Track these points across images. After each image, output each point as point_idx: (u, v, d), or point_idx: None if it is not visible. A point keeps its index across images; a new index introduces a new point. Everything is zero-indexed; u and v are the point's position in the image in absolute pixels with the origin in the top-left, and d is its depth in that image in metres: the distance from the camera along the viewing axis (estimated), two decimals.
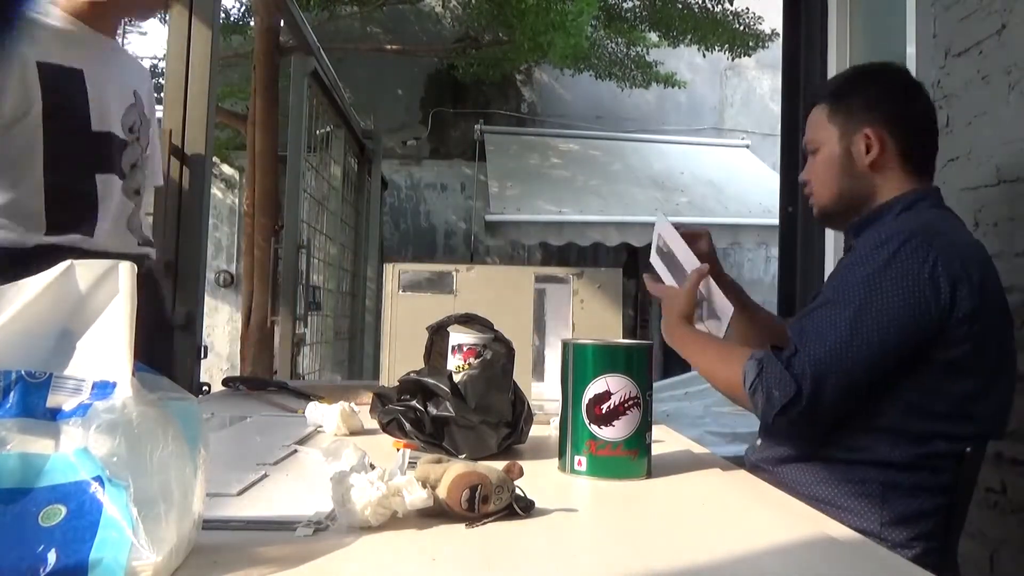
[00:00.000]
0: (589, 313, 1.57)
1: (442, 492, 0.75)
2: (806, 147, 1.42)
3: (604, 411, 0.98)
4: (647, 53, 7.51)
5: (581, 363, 1.00)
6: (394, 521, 0.73)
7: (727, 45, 7.16)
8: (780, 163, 3.25)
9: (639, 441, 0.99)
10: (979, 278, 1.20)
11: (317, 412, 1.30)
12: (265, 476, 0.93)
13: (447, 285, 1.51)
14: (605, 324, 1.59)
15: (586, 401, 0.98)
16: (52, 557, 0.51)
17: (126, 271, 0.61)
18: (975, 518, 1.55)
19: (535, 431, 1.19)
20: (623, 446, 0.98)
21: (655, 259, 1.49)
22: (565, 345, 1.03)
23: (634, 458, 0.99)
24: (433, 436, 1.06)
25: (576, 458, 0.99)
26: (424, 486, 0.75)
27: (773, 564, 0.69)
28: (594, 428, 0.98)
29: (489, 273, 1.55)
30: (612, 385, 0.98)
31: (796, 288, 2.87)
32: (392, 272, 1.51)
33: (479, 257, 8.39)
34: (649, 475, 1.00)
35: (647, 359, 1.02)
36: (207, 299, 6.64)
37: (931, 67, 2.03)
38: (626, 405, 0.98)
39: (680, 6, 7.20)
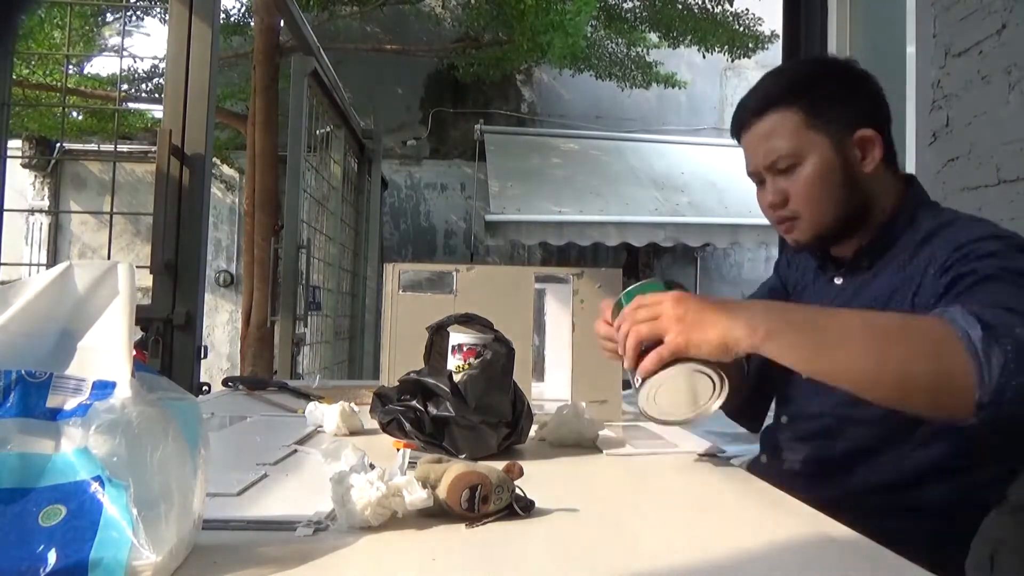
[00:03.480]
0: (589, 313, 1.56)
1: (442, 492, 0.75)
2: (769, 165, 1.16)
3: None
4: (647, 53, 7.52)
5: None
6: (394, 521, 0.73)
7: (727, 46, 7.18)
8: None
9: None
10: None
11: (317, 412, 1.30)
12: (265, 476, 0.93)
13: (447, 285, 1.50)
14: None
15: None
16: (52, 557, 0.51)
17: (125, 271, 0.61)
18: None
19: (535, 431, 1.19)
20: None
21: None
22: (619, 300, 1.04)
23: None
24: (433, 436, 1.06)
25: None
26: (424, 486, 0.75)
27: (773, 564, 0.69)
28: None
29: (489, 273, 1.54)
30: None
31: None
32: (392, 272, 1.51)
33: (479, 257, 8.39)
34: None
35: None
36: (207, 299, 6.65)
37: (931, 67, 2.03)
38: None
39: (680, 7, 7.22)
